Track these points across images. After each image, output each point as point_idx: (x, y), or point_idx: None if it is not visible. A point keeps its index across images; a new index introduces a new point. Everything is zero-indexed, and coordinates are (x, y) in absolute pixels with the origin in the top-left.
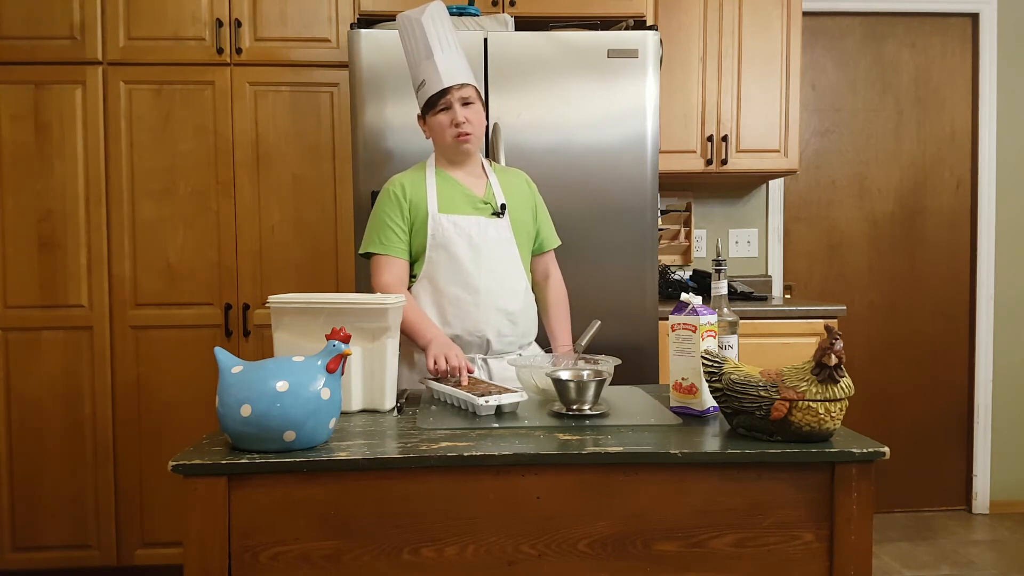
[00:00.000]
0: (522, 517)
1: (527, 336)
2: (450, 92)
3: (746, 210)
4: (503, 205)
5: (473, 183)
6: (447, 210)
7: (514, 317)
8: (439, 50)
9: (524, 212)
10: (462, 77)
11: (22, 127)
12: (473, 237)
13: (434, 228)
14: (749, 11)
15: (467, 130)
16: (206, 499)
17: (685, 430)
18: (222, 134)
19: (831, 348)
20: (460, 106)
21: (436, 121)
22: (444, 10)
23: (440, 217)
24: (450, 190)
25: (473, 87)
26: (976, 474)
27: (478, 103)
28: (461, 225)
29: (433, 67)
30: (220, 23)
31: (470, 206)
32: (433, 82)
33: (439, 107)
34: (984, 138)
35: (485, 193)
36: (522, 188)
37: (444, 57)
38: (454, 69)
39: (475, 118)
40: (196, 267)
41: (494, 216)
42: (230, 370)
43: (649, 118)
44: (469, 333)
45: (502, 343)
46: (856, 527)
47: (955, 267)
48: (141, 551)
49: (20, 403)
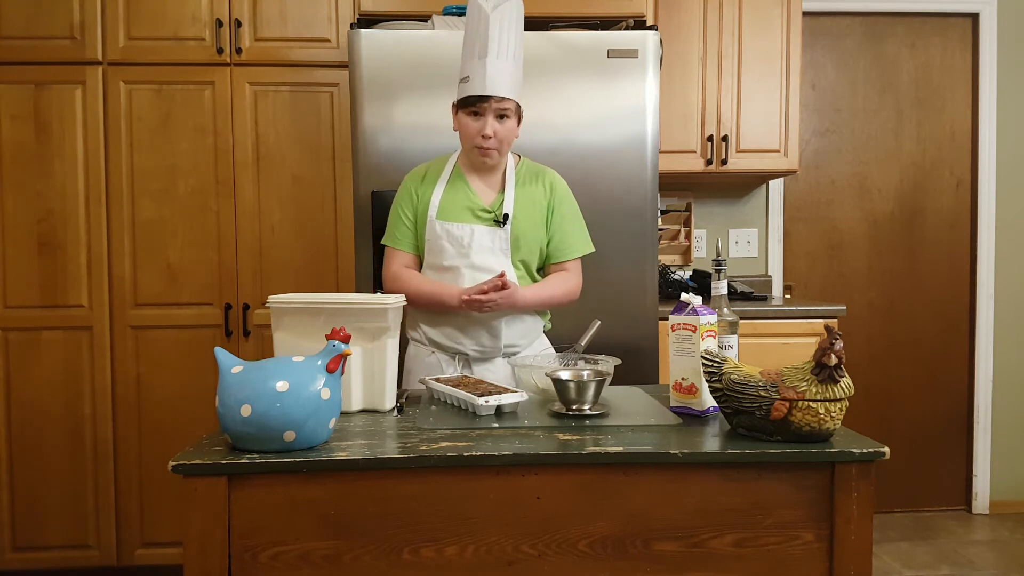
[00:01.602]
0: (522, 517)
1: (514, 346)
2: (488, 101)
3: (746, 210)
4: (506, 216)
5: (485, 190)
6: (444, 216)
7: (494, 331)
8: (494, 55)
9: (531, 223)
10: (506, 91)
11: (22, 127)
12: (464, 246)
13: (429, 233)
14: (749, 11)
15: (491, 145)
16: (206, 499)
17: (685, 430)
18: (222, 134)
19: (831, 348)
20: (493, 118)
21: (465, 121)
22: (520, 12)
23: (435, 223)
24: (456, 195)
25: (515, 102)
26: (976, 474)
27: (514, 119)
28: (453, 233)
29: (482, 68)
30: (220, 23)
31: (470, 214)
32: (476, 83)
33: (473, 110)
34: (984, 138)
35: (493, 202)
36: (538, 197)
37: (497, 63)
38: (501, 80)
39: (505, 134)
40: (196, 267)
41: (495, 225)
42: (230, 370)
43: (649, 118)
44: (449, 338)
45: (482, 352)
46: (856, 527)
47: (955, 267)
48: (141, 551)
49: (20, 403)
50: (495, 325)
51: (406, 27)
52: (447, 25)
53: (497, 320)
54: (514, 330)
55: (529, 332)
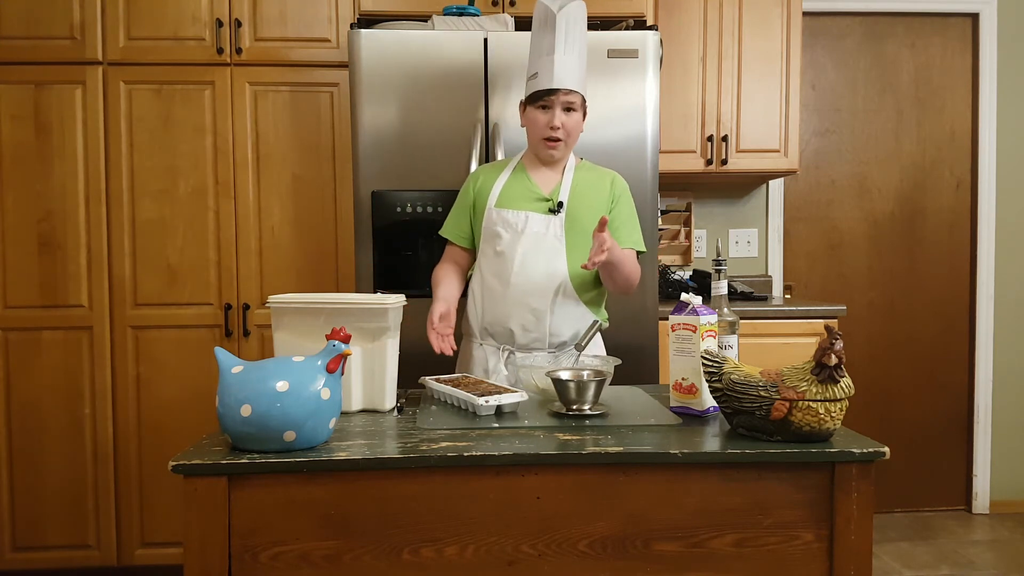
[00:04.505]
0: (522, 517)
1: (559, 336)
2: (556, 94)
3: (746, 210)
4: (560, 203)
5: (545, 181)
6: (502, 204)
7: (539, 314)
8: (561, 51)
9: (591, 211)
10: (572, 83)
11: (22, 127)
12: (518, 231)
13: (487, 221)
14: (749, 11)
15: (558, 136)
16: (206, 499)
17: (685, 430)
18: (222, 134)
19: (831, 348)
20: (560, 110)
21: (533, 115)
22: (583, 12)
23: (493, 211)
24: (517, 185)
25: (581, 95)
26: (976, 474)
27: (580, 112)
28: (508, 220)
29: (550, 64)
30: (220, 23)
31: (528, 201)
32: (544, 78)
33: (541, 104)
34: (984, 138)
35: (552, 190)
36: (600, 187)
37: (564, 58)
38: (568, 73)
39: (572, 126)
40: (196, 267)
41: (550, 213)
42: (230, 370)
43: (649, 118)
44: (497, 323)
45: (527, 337)
46: (856, 527)
47: (955, 267)
48: (141, 551)
49: (20, 403)
50: (540, 308)
51: (406, 27)
52: (447, 25)
53: (543, 304)
54: (559, 319)
55: (577, 324)
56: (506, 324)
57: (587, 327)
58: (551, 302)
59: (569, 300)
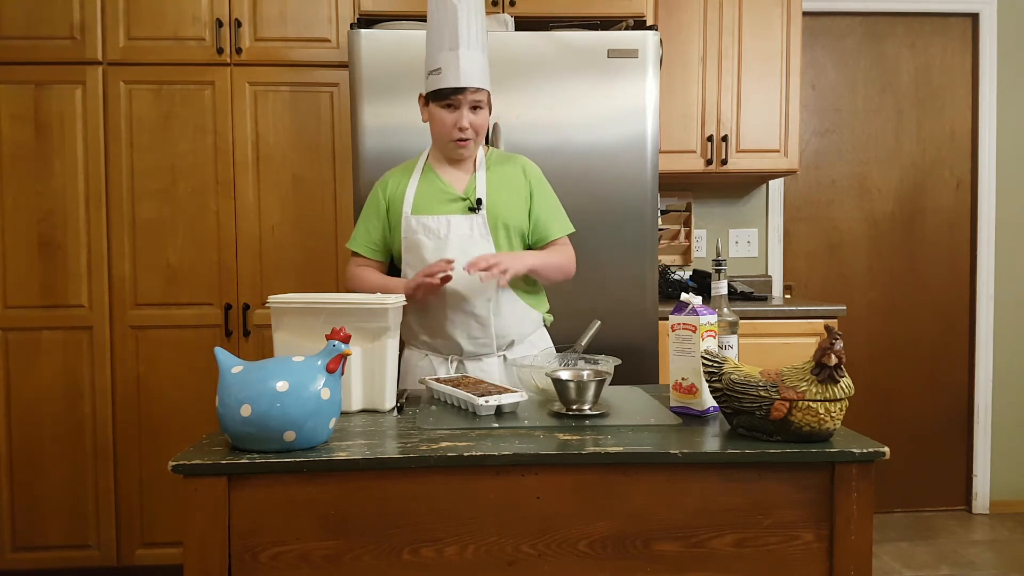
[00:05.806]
0: (522, 517)
1: (506, 337)
2: (464, 92)
3: (746, 210)
4: (479, 200)
5: (457, 179)
6: (419, 211)
7: (483, 320)
8: (466, 46)
9: (510, 206)
10: (479, 81)
11: (22, 127)
12: (441, 237)
13: (406, 230)
14: (749, 11)
15: (468, 136)
16: (206, 499)
17: (685, 430)
18: (222, 134)
19: (831, 348)
20: (468, 110)
21: (439, 114)
22: (482, 3)
23: (411, 219)
24: (429, 188)
25: (487, 92)
26: (976, 474)
27: (486, 108)
28: (430, 226)
29: (455, 60)
30: (220, 23)
31: (445, 204)
32: (449, 76)
33: (447, 103)
34: (984, 138)
35: (466, 188)
36: (514, 179)
37: (469, 54)
38: (475, 71)
39: (480, 124)
40: (196, 267)
41: (470, 212)
42: (230, 370)
43: (649, 118)
44: (439, 335)
45: (475, 345)
46: (856, 527)
47: (955, 267)
48: (141, 551)
49: (20, 403)
50: (483, 315)
51: (406, 27)
52: None
53: (484, 309)
54: (504, 319)
55: (522, 323)
56: (451, 335)
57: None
58: (493, 305)
59: (510, 299)
